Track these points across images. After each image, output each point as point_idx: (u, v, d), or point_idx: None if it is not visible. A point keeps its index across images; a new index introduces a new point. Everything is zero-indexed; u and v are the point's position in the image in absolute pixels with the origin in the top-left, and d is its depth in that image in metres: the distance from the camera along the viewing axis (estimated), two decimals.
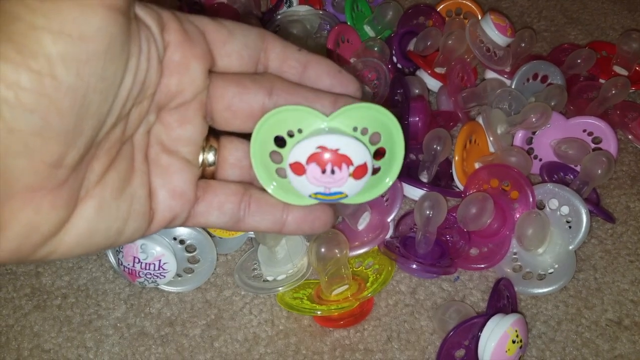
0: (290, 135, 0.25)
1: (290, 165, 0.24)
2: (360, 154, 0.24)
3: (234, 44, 0.24)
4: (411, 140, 0.49)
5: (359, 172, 0.24)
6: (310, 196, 0.25)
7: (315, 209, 0.27)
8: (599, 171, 0.44)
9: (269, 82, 0.25)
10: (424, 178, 0.46)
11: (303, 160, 0.24)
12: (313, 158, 0.23)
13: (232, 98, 0.25)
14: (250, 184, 0.27)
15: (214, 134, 0.26)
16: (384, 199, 0.45)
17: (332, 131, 0.24)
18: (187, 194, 0.25)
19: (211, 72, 0.24)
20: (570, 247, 0.43)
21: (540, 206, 0.45)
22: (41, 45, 0.18)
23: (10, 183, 0.19)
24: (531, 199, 0.44)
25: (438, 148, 0.45)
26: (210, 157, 0.26)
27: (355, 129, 0.24)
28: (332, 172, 0.24)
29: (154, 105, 0.23)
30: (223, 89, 0.25)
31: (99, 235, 0.22)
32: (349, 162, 0.24)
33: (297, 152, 0.24)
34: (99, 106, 0.20)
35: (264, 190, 0.26)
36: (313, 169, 0.24)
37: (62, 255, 0.22)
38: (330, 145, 0.23)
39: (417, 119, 0.48)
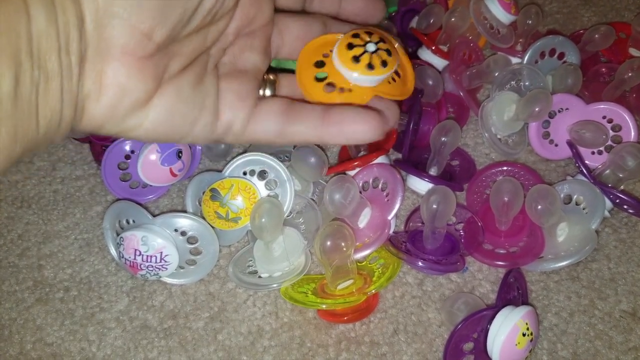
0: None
1: None
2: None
3: None
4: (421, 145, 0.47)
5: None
6: None
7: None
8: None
9: (321, 17, 0.33)
10: (433, 172, 0.45)
11: None
12: None
13: (299, 29, 0.32)
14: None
15: (272, 71, 0.32)
16: (384, 193, 0.43)
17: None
18: (249, 98, 0.29)
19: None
20: (593, 226, 0.42)
21: (566, 201, 0.44)
22: None
23: (110, 43, 0.23)
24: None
25: (444, 140, 0.43)
26: (268, 92, 0.31)
27: None
28: None
29: (233, 28, 0.29)
30: (291, 23, 0.32)
31: (178, 118, 0.27)
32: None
33: None
34: (185, 2, 0.25)
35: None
36: None
37: (146, 131, 0.26)
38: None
39: (430, 127, 0.46)
